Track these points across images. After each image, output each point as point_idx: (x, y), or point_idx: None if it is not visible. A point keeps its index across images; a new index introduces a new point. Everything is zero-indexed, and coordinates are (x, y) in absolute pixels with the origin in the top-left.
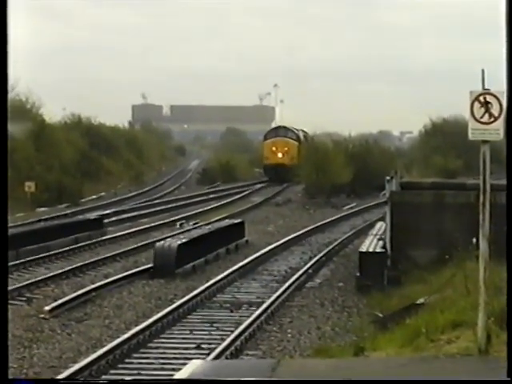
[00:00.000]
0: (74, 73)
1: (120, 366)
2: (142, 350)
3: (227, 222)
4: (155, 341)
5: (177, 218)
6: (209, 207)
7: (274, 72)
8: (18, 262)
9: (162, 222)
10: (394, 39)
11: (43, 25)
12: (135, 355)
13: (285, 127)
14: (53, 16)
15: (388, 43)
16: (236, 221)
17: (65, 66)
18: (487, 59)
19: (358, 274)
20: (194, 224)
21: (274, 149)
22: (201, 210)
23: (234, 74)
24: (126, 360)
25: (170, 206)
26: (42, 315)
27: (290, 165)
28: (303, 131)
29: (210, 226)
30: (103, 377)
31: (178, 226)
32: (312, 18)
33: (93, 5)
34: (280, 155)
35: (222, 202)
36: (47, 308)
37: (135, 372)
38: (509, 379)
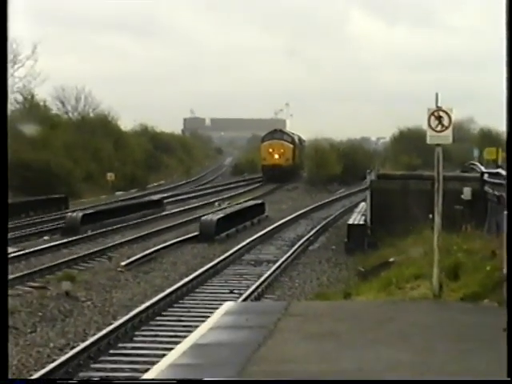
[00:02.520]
0: (140, 94)
1: (175, 305)
2: (191, 294)
3: (252, 202)
4: (200, 287)
5: (215, 199)
6: (239, 191)
7: (286, 94)
8: (102, 230)
9: (205, 202)
10: (367, 70)
11: (111, 62)
12: (186, 297)
13: (281, 130)
14: (121, 54)
15: (363, 74)
16: (259, 201)
17: (132, 89)
18: (438, 84)
19: (346, 240)
20: (228, 204)
21: (270, 150)
22: (233, 193)
23: (256, 95)
24: (180, 301)
25: (210, 190)
26: (119, 269)
27: (286, 165)
28: (298, 135)
29: (239, 205)
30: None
31: (216, 205)
32: (309, 57)
33: (145, 43)
34: (276, 156)
35: (248, 188)
36: (123, 263)
37: (186, 310)
38: (509, 379)
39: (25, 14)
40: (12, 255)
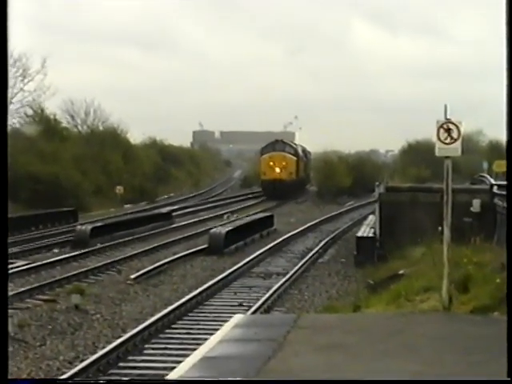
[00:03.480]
0: (149, 108)
1: (184, 318)
2: (200, 307)
3: (261, 215)
4: (210, 300)
5: (224, 211)
6: (247, 204)
7: (293, 107)
8: (111, 243)
9: (214, 214)
10: (371, 83)
11: (120, 75)
12: (195, 310)
13: (283, 141)
14: (128, 67)
15: (367, 86)
16: (267, 214)
17: (141, 102)
18: (444, 95)
19: (355, 253)
20: (237, 216)
21: (271, 164)
22: (242, 206)
23: (265, 108)
24: (189, 314)
25: (219, 203)
26: (129, 282)
27: (289, 180)
28: (302, 147)
29: (248, 218)
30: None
31: (225, 218)
32: (314, 70)
33: (153, 57)
34: (278, 170)
35: (257, 201)
36: (132, 276)
37: (195, 323)
38: (509, 379)
39: (34, 28)
40: (22, 268)
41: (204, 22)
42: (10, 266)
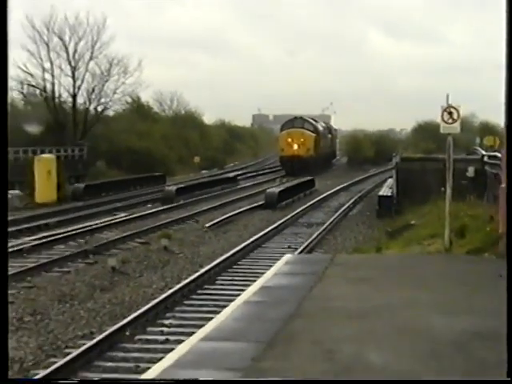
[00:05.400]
0: (219, 97)
1: (246, 257)
2: (258, 249)
3: (305, 178)
4: (266, 243)
5: (276, 176)
6: None
7: (330, 94)
8: (191, 200)
9: (268, 178)
10: (385, 79)
11: (194, 72)
12: (255, 251)
13: (302, 118)
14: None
15: (382, 82)
16: (309, 178)
17: (213, 92)
18: (446, 88)
19: (377, 208)
20: (287, 180)
21: (289, 140)
22: None
23: (307, 96)
24: (250, 254)
25: (272, 170)
26: (204, 229)
27: (307, 156)
28: (326, 124)
29: (295, 181)
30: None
31: (277, 181)
32: (338, 67)
33: (219, 58)
34: (296, 147)
35: None
36: (207, 225)
37: (255, 260)
38: (509, 379)
39: (134, 37)
40: (124, 219)
41: (254, 30)
42: (114, 217)
